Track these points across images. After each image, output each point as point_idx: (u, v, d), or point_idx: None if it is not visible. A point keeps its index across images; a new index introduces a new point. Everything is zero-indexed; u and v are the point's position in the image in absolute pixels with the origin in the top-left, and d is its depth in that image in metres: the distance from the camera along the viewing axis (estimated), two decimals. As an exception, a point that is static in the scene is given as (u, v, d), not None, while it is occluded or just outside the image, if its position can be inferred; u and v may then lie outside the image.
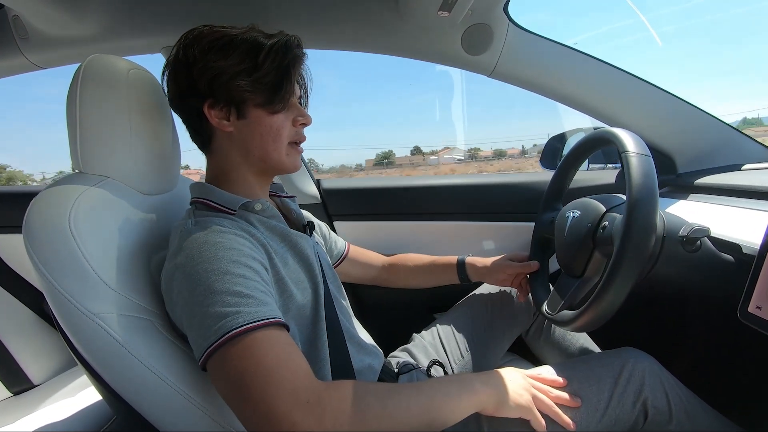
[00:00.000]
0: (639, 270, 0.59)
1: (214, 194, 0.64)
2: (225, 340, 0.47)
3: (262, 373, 0.46)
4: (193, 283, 0.51)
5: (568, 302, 0.73)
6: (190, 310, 0.51)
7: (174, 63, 0.63)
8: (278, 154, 0.65)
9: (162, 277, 0.58)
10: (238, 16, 0.92)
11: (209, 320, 0.48)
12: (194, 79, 0.61)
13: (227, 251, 0.53)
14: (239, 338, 0.47)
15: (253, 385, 0.45)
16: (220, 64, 0.60)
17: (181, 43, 0.63)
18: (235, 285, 0.50)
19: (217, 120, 0.63)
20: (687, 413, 0.67)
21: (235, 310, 0.48)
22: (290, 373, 0.47)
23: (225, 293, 0.49)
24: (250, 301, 0.50)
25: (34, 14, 0.92)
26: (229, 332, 0.47)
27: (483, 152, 74.42)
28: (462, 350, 0.89)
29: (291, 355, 0.49)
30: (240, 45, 0.61)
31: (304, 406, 0.44)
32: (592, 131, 0.84)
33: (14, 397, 1.19)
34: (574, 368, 0.70)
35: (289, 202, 0.76)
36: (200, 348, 0.49)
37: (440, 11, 0.84)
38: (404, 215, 1.23)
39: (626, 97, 0.99)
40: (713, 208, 0.79)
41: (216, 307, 0.48)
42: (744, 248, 0.61)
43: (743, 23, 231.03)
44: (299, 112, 0.67)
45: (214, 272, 0.50)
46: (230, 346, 0.47)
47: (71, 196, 0.59)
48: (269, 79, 0.62)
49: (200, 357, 0.49)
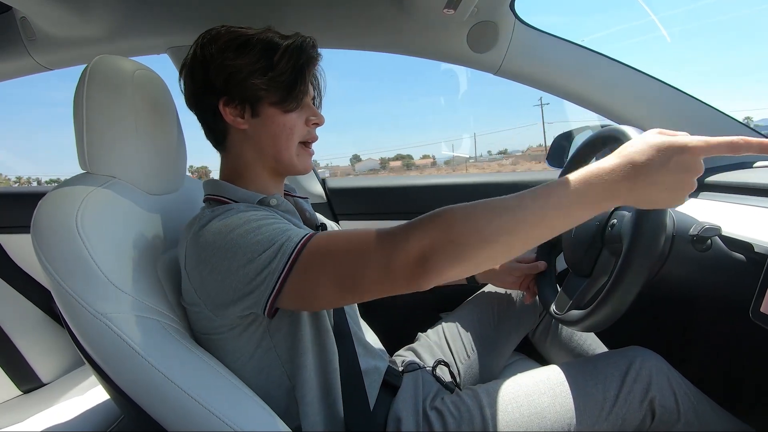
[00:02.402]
0: (649, 269, 0.58)
1: (230, 191, 0.65)
2: (295, 256, 0.51)
3: (356, 239, 0.51)
4: (231, 251, 0.53)
5: (576, 302, 0.72)
6: (236, 274, 0.53)
7: (191, 61, 0.65)
8: (289, 153, 0.67)
9: (185, 267, 0.58)
10: (243, 17, 0.92)
11: (267, 259, 0.52)
12: (210, 77, 0.62)
13: (251, 217, 0.55)
14: (305, 249, 0.52)
15: (356, 248, 0.51)
16: (237, 63, 0.61)
17: (199, 43, 0.64)
18: (271, 231, 0.53)
19: (231, 117, 0.64)
20: (695, 412, 0.66)
21: (285, 237, 0.53)
22: (374, 230, 0.51)
23: (267, 240, 0.52)
24: (292, 228, 0.55)
25: (42, 16, 0.93)
26: (295, 248, 0.52)
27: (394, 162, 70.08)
28: (468, 350, 0.89)
29: (353, 233, 0.53)
30: (256, 45, 0.62)
31: (406, 233, 0.48)
32: (600, 129, 0.83)
33: (24, 395, 1.20)
34: (581, 367, 0.70)
35: (302, 203, 0.77)
36: (268, 286, 0.52)
37: (446, 9, 0.83)
38: (410, 214, 1.21)
39: (634, 94, 0.98)
40: (724, 206, 0.78)
41: (266, 252, 0.52)
42: (756, 247, 0.60)
43: (757, 23, 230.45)
44: (312, 111, 0.69)
45: (248, 232, 0.53)
46: (303, 258, 0.51)
47: (79, 197, 0.59)
48: (284, 79, 0.63)
49: (271, 293, 0.52)
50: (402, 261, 0.47)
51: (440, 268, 0.46)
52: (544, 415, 0.65)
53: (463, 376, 0.87)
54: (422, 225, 0.48)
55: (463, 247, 0.46)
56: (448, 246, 0.46)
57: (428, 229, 0.47)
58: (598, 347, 0.94)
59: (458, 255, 0.46)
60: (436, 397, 0.73)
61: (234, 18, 0.68)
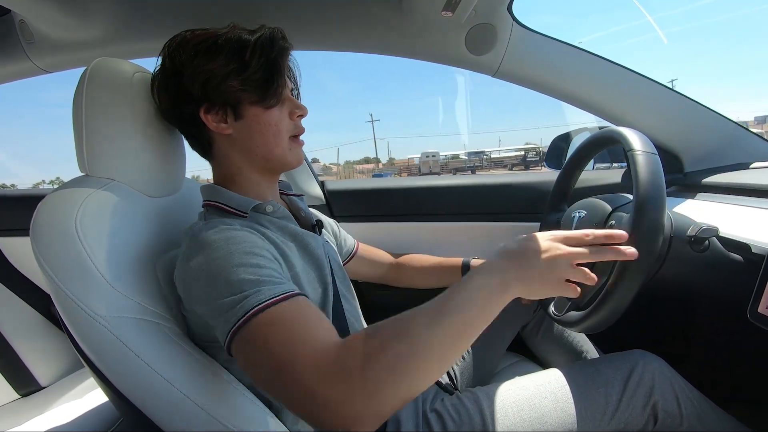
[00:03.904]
0: (647, 270, 0.58)
1: (225, 196, 0.64)
2: (249, 317, 0.47)
3: (285, 350, 0.45)
4: (211, 278, 0.51)
5: (574, 303, 0.72)
6: (212, 304, 0.51)
7: (162, 72, 0.63)
8: (281, 149, 0.66)
9: (176, 278, 0.57)
10: (242, 18, 0.91)
11: (229, 305, 0.49)
12: (186, 86, 0.61)
13: (240, 244, 0.53)
14: (261, 315, 0.47)
15: (279, 362, 0.45)
16: (209, 67, 0.60)
17: (166, 52, 0.63)
18: (250, 274, 0.50)
19: (215, 124, 0.63)
20: (698, 416, 0.66)
21: (255, 290, 0.49)
22: (310, 347, 0.45)
23: (242, 282, 0.50)
24: (268, 283, 0.50)
25: (41, 19, 0.93)
26: (252, 309, 0.47)
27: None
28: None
29: (309, 324, 0.48)
30: (225, 45, 0.61)
31: (330, 378, 0.42)
32: (598, 130, 0.83)
33: (22, 399, 1.20)
34: (582, 370, 0.70)
35: (298, 201, 0.76)
36: (224, 332, 0.49)
37: (444, 11, 0.83)
38: (409, 216, 1.22)
39: (631, 95, 0.99)
40: (721, 207, 0.78)
41: (235, 295, 0.49)
42: (753, 248, 0.60)
43: (755, 23, 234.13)
44: (294, 104, 0.67)
45: (229, 265, 0.51)
46: (253, 323, 0.47)
47: (78, 199, 0.59)
48: (259, 75, 0.61)
49: (225, 340, 0.49)
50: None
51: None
52: (546, 419, 0.65)
53: (459, 377, 0.87)
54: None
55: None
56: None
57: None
58: (588, 344, 0.94)
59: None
60: (435, 399, 0.73)
61: (232, 19, 0.68)
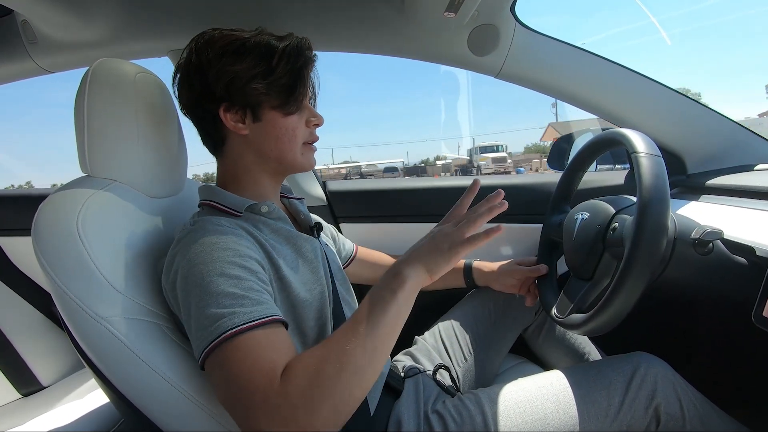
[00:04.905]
0: (650, 273, 0.58)
1: (221, 196, 0.65)
2: (221, 340, 0.47)
3: (247, 378, 0.46)
4: (190, 285, 0.51)
5: (577, 306, 0.72)
6: (188, 312, 0.51)
7: (186, 67, 0.64)
8: (293, 154, 0.66)
9: (163, 280, 0.58)
10: (244, 19, 0.92)
11: (206, 321, 0.49)
12: (210, 84, 0.61)
13: (222, 252, 0.53)
14: (235, 338, 0.47)
15: (239, 387, 0.46)
16: (236, 68, 0.61)
17: (193, 48, 0.63)
18: (230, 287, 0.50)
19: (232, 123, 0.63)
20: (701, 419, 0.66)
21: (230, 311, 0.48)
22: (266, 379, 0.46)
23: (220, 295, 0.49)
24: (245, 302, 0.50)
25: (43, 19, 0.93)
26: (224, 332, 0.47)
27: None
28: (465, 353, 0.88)
29: (273, 354, 0.48)
30: (253, 48, 0.62)
31: (272, 412, 0.44)
32: (601, 132, 0.83)
33: (23, 398, 1.20)
34: (585, 372, 0.70)
35: (297, 204, 0.76)
36: (198, 349, 0.49)
37: (446, 12, 0.83)
38: (411, 217, 1.22)
39: (635, 97, 0.98)
40: (725, 209, 0.78)
41: (212, 309, 0.49)
42: (758, 251, 0.60)
43: (758, 23, 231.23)
44: (311, 113, 0.69)
45: (209, 274, 0.51)
46: (225, 346, 0.47)
47: (79, 200, 0.59)
48: (284, 82, 0.63)
49: (199, 357, 0.49)
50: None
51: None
52: (548, 421, 0.64)
53: (461, 380, 0.87)
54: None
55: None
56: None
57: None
58: (590, 345, 0.94)
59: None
60: (437, 401, 0.73)
61: (234, 22, 0.68)
